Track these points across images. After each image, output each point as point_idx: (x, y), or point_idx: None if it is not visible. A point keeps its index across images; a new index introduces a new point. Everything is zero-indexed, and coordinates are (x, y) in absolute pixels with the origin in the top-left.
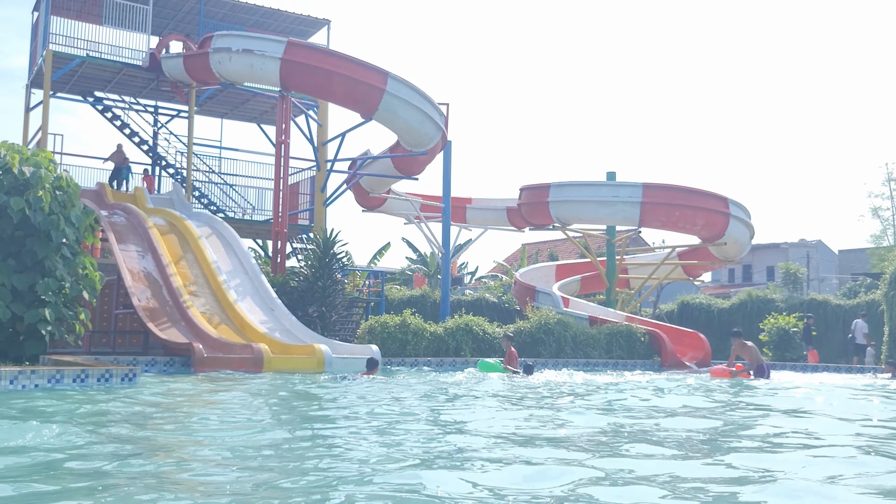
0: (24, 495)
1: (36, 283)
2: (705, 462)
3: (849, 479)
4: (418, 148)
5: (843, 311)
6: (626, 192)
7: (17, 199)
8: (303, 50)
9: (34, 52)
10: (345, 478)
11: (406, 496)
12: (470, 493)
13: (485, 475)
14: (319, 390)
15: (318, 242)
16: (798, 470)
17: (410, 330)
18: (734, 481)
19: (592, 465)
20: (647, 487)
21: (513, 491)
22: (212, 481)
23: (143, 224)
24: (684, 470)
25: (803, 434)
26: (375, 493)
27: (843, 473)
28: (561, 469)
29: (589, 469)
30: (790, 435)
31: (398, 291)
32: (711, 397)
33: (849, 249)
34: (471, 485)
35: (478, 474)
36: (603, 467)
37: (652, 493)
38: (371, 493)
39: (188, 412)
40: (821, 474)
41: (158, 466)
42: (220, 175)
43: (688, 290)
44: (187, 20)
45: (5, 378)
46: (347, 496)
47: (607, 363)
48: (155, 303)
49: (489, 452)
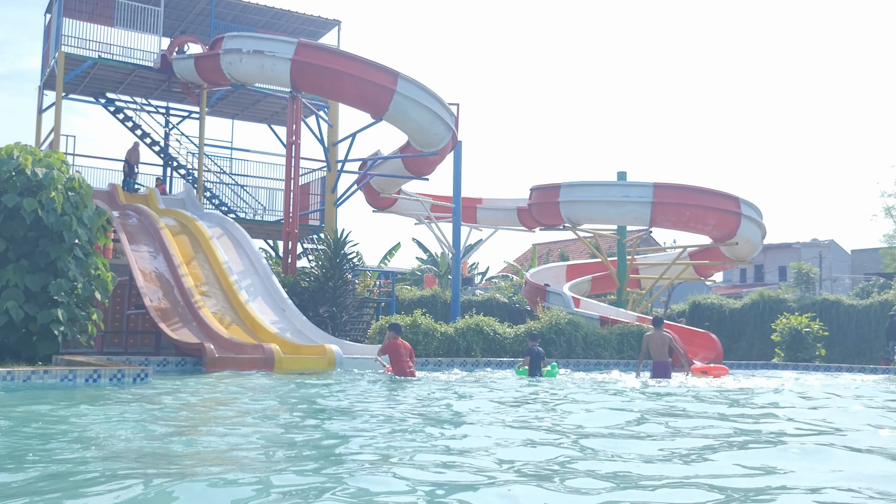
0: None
1: (49, 284)
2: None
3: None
4: (429, 148)
5: (855, 311)
6: (637, 192)
7: (30, 200)
8: (313, 51)
9: (47, 53)
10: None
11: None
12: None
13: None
14: (338, 389)
15: (329, 243)
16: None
17: (421, 330)
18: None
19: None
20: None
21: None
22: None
23: (155, 225)
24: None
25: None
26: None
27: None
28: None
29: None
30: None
31: (409, 292)
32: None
33: (861, 249)
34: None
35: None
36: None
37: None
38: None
39: (202, 411)
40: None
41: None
42: (231, 176)
43: (699, 290)
44: (198, 21)
45: (19, 377)
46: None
47: (618, 363)
48: (166, 303)
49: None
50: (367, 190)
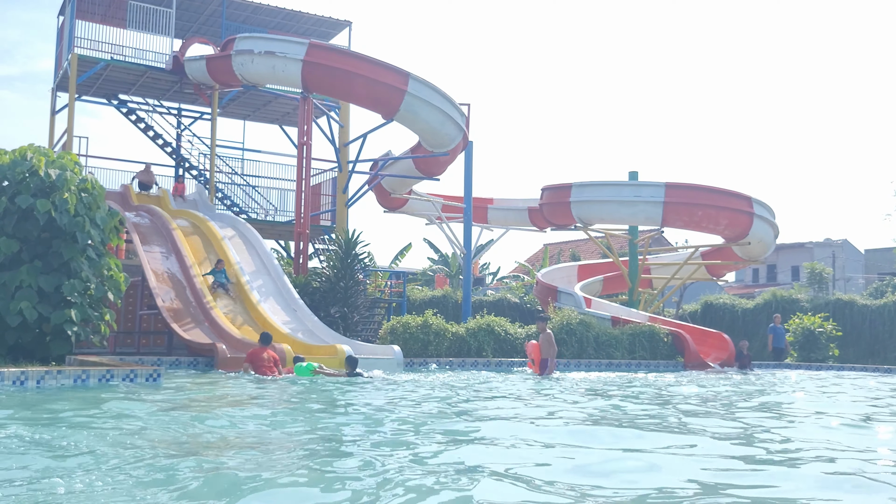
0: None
1: (62, 285)
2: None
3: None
4: (440, 148)
5: (869, 311)
6: (649, 191)
7: (44, 201)
8: (324, 51)
9: (60, 55)
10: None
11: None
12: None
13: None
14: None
15: (340, 243)
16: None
17: (432, 330)
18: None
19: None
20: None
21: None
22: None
23: (167, 225)
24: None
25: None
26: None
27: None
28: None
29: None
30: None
31: (420, 292)
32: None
33: (875, 249)
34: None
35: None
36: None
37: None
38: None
39: (214, 410)
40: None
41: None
42: (242, 176)
43: (711, 290)
44: (210, 23)
45: (32, 378)
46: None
47: (630, 364)
48: (179, 303)
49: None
50: (379, 190)
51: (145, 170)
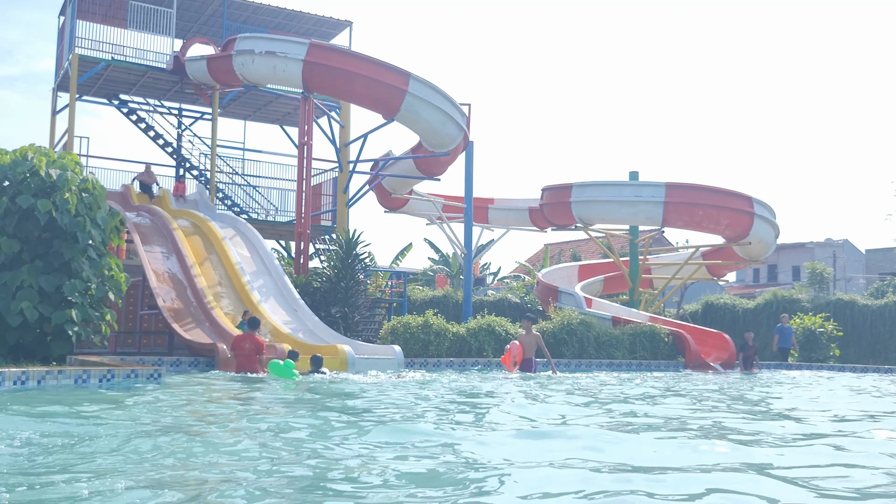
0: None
1: (63, 285)
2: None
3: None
4: (440, 148)
5: (870, 311)
6: (649, 191)
7: (45, 202)
8: (325, 52)
9: (60, 55)
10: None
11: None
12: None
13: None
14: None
15: (341, 243)
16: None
17: (433, 330)
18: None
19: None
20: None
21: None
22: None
23: (168, 226)
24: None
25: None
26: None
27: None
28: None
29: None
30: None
31: (420, 292)
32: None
33: (876, 249)
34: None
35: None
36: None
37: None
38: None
39: (215, 411)
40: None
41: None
42: (243, 176)
43: (712, 290)
44: (210, 23)
45: (33, 378)
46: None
47: (630, 364)
48: (179, 304)
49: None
50: (379, 190)
51: (146, 171)
